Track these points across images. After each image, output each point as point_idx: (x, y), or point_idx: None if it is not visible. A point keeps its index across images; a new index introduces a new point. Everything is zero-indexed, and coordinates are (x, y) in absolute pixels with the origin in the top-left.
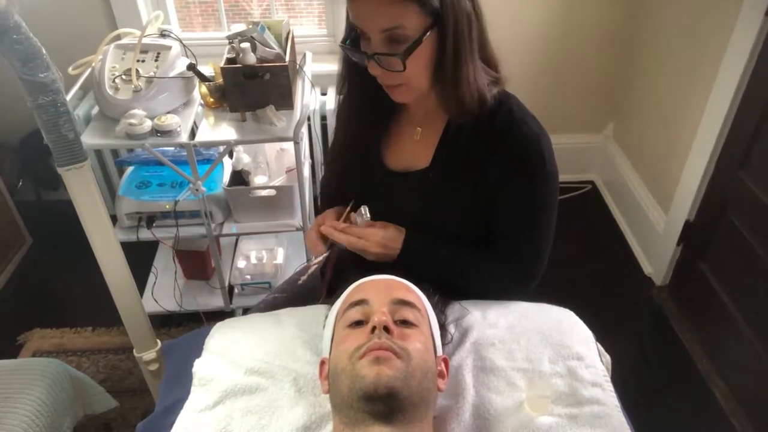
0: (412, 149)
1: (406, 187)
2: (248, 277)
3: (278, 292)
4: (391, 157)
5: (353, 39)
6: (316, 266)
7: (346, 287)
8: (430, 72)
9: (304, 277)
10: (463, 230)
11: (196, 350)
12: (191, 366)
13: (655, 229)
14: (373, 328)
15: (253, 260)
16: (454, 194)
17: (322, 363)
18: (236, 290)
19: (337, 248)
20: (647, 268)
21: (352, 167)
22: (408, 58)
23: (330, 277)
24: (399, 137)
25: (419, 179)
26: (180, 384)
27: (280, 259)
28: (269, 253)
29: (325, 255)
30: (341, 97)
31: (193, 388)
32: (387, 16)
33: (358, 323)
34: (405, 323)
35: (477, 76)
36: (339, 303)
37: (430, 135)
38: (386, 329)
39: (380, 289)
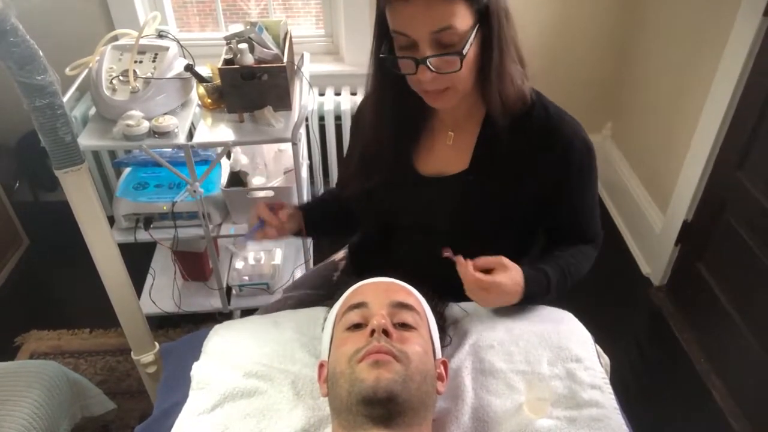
0: (446, 154)
1: (442, 191)
2: (246, 278)
3: (310, 288)
4: (423, 163)
5: (389, 49)
6: (342, 261)
7: (345, 290)
8: (475, 72)
9: (337, 273)
10: (501, 229)
11: (195, 353)
12: (189, 369)
13: (653, 229)
14: (372, 331)
15: (251, 261)
16: (494, 194)
17: (321, 366)
18: (234, 291)
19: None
20: (645, 268)
21: (384, 181)
22: (465, 56)
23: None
24: (432, 143)
25: (456, 182)
26: (178, 387)
27: (278, 260)
28: (267, 254)
29: (345, 249)
30: (367, 110)
31: (191, 392)
32: (438, 17)
33: (357, 326)
34: (404, 326)
35: (517, 73)
36: (338, 305)
37: (463, 138)
38: (385, 332)
39: (379, 292)
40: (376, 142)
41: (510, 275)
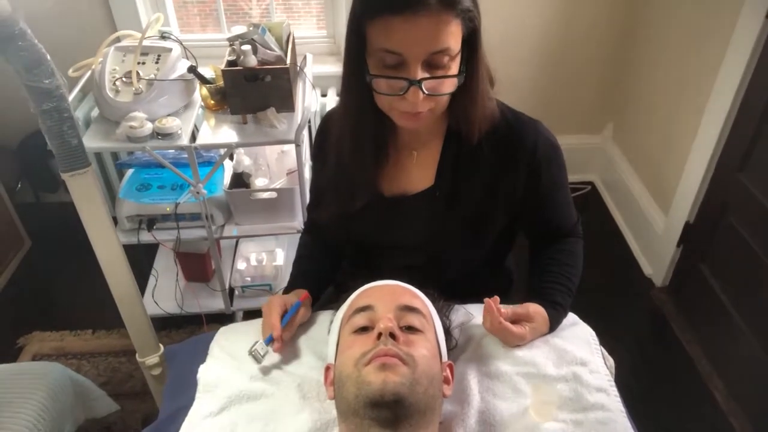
0: (411, 173)
1: (412, 210)
2: (248, 279)
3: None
4: (388, 184)
5: (366, 69)
6: None
7: (352, 293)
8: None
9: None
10: (477, 239)
11: (200, 355)
12: (195, 372)
13: (654, 230)
14: (379, 335)
15: (254, 262)
16: (465, 207)
17: (327, 369)
18: (236, 292)
19: None
20: (647, 269)
21: (361, 206)
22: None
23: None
24: (397, 163)
25: (424, 199)
26: (184, 390)
27: (280, 260)
28: (269, 255)
29: None
30: (341, 133)
31: (197, 394)
32: (440, 38)
33: (364, 329)
34: (410, 329)
35: (487, 91)
36: (344, 308)
37: (427, 155)
38: (392, 335)
39: (385, 295)
40: (355, 166)
41: (535, 330)
